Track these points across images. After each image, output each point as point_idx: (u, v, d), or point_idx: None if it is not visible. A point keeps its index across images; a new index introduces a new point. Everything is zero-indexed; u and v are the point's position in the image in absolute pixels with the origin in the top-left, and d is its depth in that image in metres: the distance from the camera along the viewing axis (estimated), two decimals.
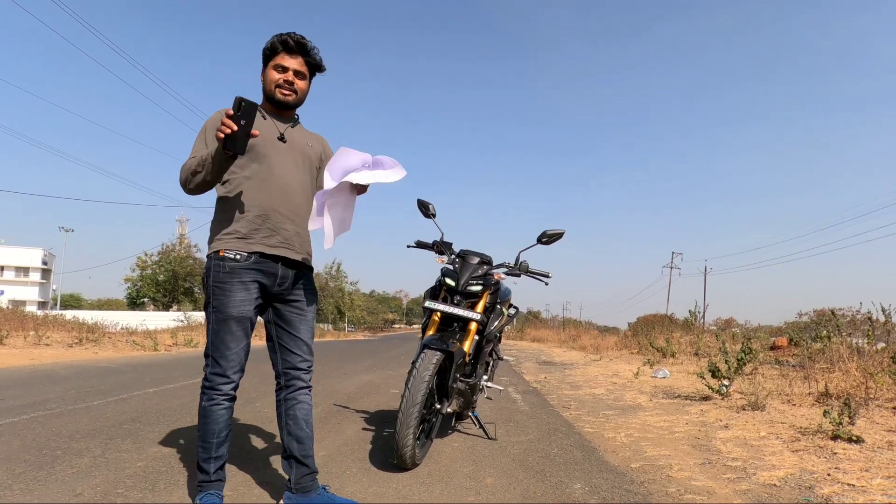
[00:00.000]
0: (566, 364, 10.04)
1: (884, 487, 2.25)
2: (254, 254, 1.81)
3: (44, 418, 3.32)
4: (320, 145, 2.07)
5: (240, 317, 1.79)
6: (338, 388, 5.41)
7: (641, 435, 3.44)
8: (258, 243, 1.81)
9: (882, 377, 4.50)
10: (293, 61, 1.89)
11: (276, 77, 1.89)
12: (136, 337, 12.32)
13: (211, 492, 1.79)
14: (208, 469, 1.79)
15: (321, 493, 1.92)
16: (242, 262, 1.79)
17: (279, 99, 1.90)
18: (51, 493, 1.98)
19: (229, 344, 1.78)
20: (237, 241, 1.80)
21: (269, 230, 1.84)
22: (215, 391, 1.79)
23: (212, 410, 1.78)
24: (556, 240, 3.07)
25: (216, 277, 1.79)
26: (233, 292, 1.78)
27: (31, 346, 9.26)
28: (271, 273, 1.85)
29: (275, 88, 1.90)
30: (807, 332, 10.47)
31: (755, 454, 2.89)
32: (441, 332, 2.82)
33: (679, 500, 2.16)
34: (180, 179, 1.82)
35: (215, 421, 1.78)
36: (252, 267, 1.81)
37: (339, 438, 3.07)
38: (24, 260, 60.09)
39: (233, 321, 1.78)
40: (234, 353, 1.79)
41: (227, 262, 1.78)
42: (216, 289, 1.79)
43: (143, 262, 38.26)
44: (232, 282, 1.78)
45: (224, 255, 1.79)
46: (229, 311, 1.78)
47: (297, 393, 1.93)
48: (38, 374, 5.69)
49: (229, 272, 1.78)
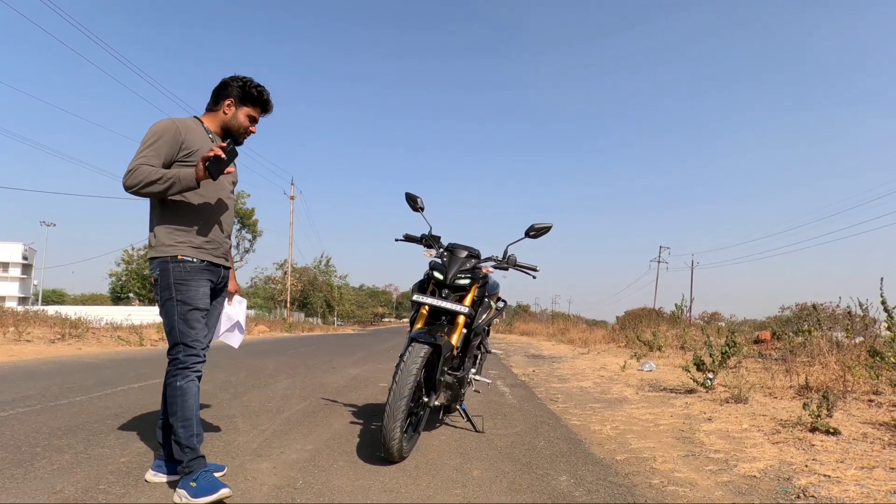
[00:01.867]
0: (554, 357, 10.13)
1: (857, 478, 2.31)
2: (205, 260, 2.09)
3: (23, 415, 3.26)
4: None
5: (203, 307, 2.06)
6: (326, 381, 5.39)
7: (627, 427, 3.49)
8: (208, 254, 2.11)
9: (859, 370, 4.61)
10: (261, 116, 2.25)
11: (246, 125, 2.20)
12: (121, 332, 12.14)
13: (205, 469, 1.94)
14: (195, 445, 1.95)
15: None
16: (198, 265, 2.06)
17: (240, 142, 2.20)
18: (29, 490, 1.95)
19: (198, 330, 2.03)
20: (192, 249, 2.06)
21: (217, 244, 2.15)
22: (190, 370, 2.00)
23: (188, 388, 1.98)
24: (544, 233, 3.08)
25: (179, 277, 2.02)
26: (197, 287, 2.04)
27: (11, 343, 9.08)
28: (216, 274, 2.16)
29: (242, 132, 2.21)
30: (789, 327, 10.68)
31: (737, 446, 2.94)
32: (429, 325, 2.83)
33: (662, 491, 2.19)
34: (128, 181, 1.92)
35: (193, 396, 1.99)
36: (205, 268, 2.09)
37: (327, 432, 3.06)
38: (4, 255, 58.87)
39: (198, 311, 2.04)
40: (201, 338, 2.05)
41: (187, 265, 2.03)
42: (181, 285, 2.02)
43: (128, 257, 37.69)
44: (195, 279, 2.04)
45: (182, 259, 2.03)
46: (196, 302, 2.03)
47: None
48: (18, 371, 5.58)
49: (190, 271, 2.03)
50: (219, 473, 2.11)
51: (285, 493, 2.02)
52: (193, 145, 2.03)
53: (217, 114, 2.18)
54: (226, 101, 2.16)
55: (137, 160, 1.94)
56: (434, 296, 2.85)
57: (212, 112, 2.20)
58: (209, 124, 2.18)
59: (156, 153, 1.96)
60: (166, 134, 1.99)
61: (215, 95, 2.19)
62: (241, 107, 2.17)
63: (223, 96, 2.17)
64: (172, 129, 2.00)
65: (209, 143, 2.09)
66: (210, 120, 2.19)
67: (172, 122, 2.03)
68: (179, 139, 2.01)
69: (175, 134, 2.00)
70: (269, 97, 2.22)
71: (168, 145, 1.98)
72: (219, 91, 2.18)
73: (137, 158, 1.94)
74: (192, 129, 2.07)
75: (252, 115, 2.19)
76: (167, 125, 2.01)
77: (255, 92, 2.16)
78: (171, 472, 2.07)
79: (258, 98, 2.18)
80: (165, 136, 1.99)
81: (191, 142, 2.03)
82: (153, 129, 2.00)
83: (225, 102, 2.16)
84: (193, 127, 2.09)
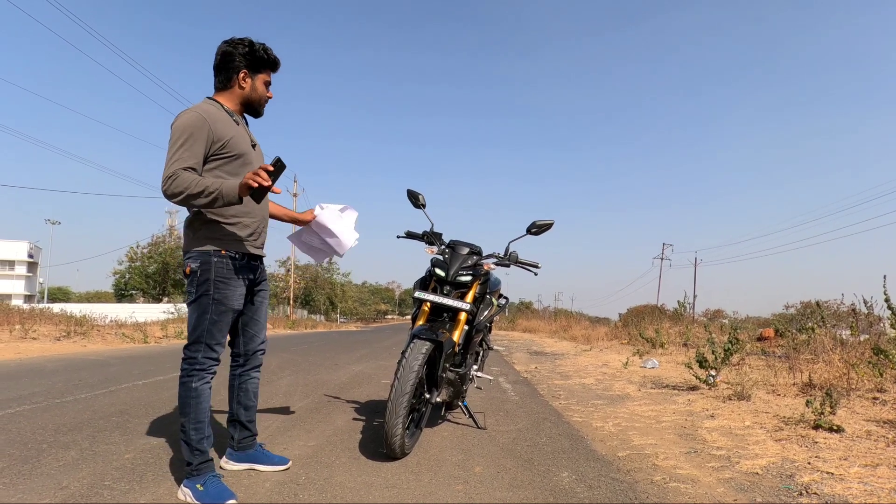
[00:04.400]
0: (557, 354, 10.13)
1: (861, 475, 2.31)
2: (246, 254, 2.01)
3: (30, 412, 3.29)
4: None
5: (237, 309, 2.01)
6: (329, 378, 5.41)
7: (629, 424, 3.49)
8: (251, 246, 2.03)
9: (863, 368, 4.59)
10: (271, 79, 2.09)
11: (266, 93, 2.07)
12: (126, 329, 12.20)
13: (213, 474, 1.90)
14: (204, 449, 1.90)
15: (258, 449, 2.25)
16: (240, 262, 1.98)
17: (261, 113, 2.09)
18: (35, 486, 1.97)
19: (224, 331, 1.98)
20: (236, 243, 1.97)
21: (257, 235, 2.06)
22: (206, 372, 1.94)
23: (203, 390, 1.93)
24: (546, 230, 3.08)
25: (220, 273, 1.92)
26: (236, 288, 1.97)
27: (17, 340, 9.14)
28: (254, 270, 2.09)
29: (263, 103, 2.08)
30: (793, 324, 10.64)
31: (739, 443, 2.94)
32: (431, 322, 2.83)
33: (664, 488, 2.19)
34: (170, 188, 1.75)
35: (207, 399, 1.94)
36: (245, 266, 2.02)
37: (330, 428, 3.08)
38: (10, 253, 59.12)
39: (231, 313, 1.98)
40: (223, 342, 2.01)
41: (231, 262, 1.94)
42: (220, 283, 1.92)
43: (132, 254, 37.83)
44: (236, 278, 1.96)
45: (226, 254, 1.93)
46: (231, 304, 1.96)
47: (253, 370, 2.22)
48: (24, 368, 5.62)
49: (232, 269, 1.95)
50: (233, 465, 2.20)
51: (288, 488, 2.04)
52: (225, 135, 1.89)
53: (233, 90, 1.99)
54: (240, 74, 1.97)
55: (174, 164, 1.76)
56: (436, 293, 2.85)
57: (226, 90, 2.00)
58: (227, 103, 1.99)
59: (191, 153, 1.80)
60: (197, 130, 1.82)
61: (223, 70, 1.98)
62: (256, 75, 2.01)
63: (233, 69, 1.97)
64: (201, 122, 1.83)
65: (238, 130, 1.96)
66: (227, 99, 2.00)
67: (198, 114, 1.84)
68: (210, 133, 1.85)
69: (205, 128, 1.83)
70: (278, 59, 2.06)
71: (201, 142, 1.83)
72: (224, 64, 1.97)
73: (173, 162, 1.77)
74: (218, 118, 1.90)
75: (267, 80, 2.05)
76: (194, 119, 1.83)
77: (264, 55, 1.99)
78: (238, 460, 2.21)
79: (269, 60, 2.02)
80: (196, 132, 1.82)
81: (221, 132, 1.89)
82: (180, 124, 1.82)
83: (239, 76, 1.98)
84: (217, 114, 1.92)
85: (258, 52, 1.98)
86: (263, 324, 2.20)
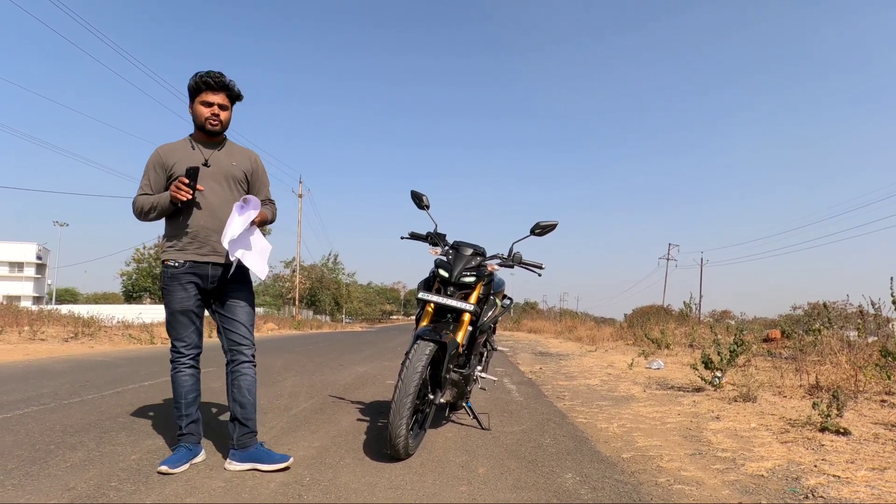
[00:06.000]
0: (562, 355, 10.10)
1: (868, 479, 2.29)
2: (188, 261, 2.29)
3: (37, 413, 3.32)
4: (248, 161, 2.47)
5: (182, 310, 2.30)
6: (333, 379, 5.42)
7: (634, 425, 3.47)
8: (192, 253, 2.30)
9: (871, 370, 4.55)
10: (216, 97, 2.32)
11: (204, 111, 2.32)
12: (133, 330, 12.30)
13: (183, 444, 2.30)
14: (180, 424, 2.31)
15: (258, 448, 2.34)
16: (180, 269, 2.29)
17: (209, 129, 2.34)
18: (43, 487, 1.99)
19: (179, 329, 2.32)
20: (176, 252, 2.30)
21: (200, 243, 2.30)
22: (176, 363, 2.34)
23: (176, 377, 2.33)
24: (550, 231, 3.07)
25: (163, 282, 2.33)
26: (174, 292, 2.30)
27: (26, 342, 9.24)
28: (203, 274, 2.32)
29: (204, 121, 2.32)
30: (800, 325, 10.56)
31: (745, 445, 2.92)
32: (435, 323, 2.83)
33: (668, 489, 2.19)
34: (134, 211, 2.33)
35: (181, 384, 2.31)
36: (188, 271, 2.29)
37: (334, 429, 3.09)
38: (18, 255, 59.71)
39: (178, 313, 2.31)
40: (184, 336, 2.32)
41: (169, 270, 2.30)
42: (164, 290, 2.33)
43: (139, 256, 38.12)
44: (173, 284, 2.30)
45: (167, 263, 2.31)
46: (173, 306, 2.31)
47: (240, 366, 2.36)
48: (32, 369, 5.68)
49: (171, 277, 2.30)
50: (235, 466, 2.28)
51: (292, 489, 2.05)
52: (173, 161, 2.32)
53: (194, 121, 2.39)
54: (189, 106, 2.37)
55: (137, 192, 2.32)
56: (440, 293, 2.85)
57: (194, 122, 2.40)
58: (195, 133, 2.41)
59: (148, 182, 2.32)
60: (151, 163, 2.33)
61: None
62: (194, 101, 2.34)
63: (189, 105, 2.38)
64: (154, 156, 2.33)
65: (189, 153, 2.33)
66: (195, 129, 2.40)
67: (157, 150, 2.35)
68: (161, 163, 2.32)
69: (157, 160, 2.32)
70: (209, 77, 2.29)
71: (155, 172, 2.32)
72: None
73: (137, 191, 2.33)
74: (173, 149, 2.34)
75: (204, 100, 2.31)
76: (152, 155, 2.35)
77: (195, 83, 2.30)
78: (241, 460, 2.28)
79: (201, 84, 2.29)
80: (150, 165, 2.33)
81: (170, 159, 2.32)
82: (148, 162, 2.35)
83: (189, 107, 2.38)
84: (177, 145, 2.36)
85: (189, 84, 2.32)
86: (243, 322, 2.38)
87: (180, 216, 2.30)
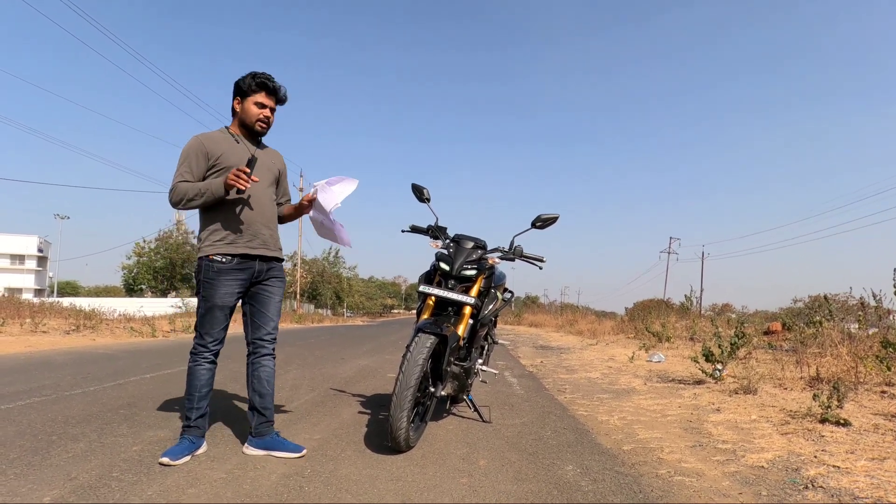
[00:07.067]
0: (563, 348, 10.12)
1: (867, 469, 2.29)
2: (237, 256, 2.29)
3: (39, 404, 3.33)
4: (280, 162, 2.55)
5: (222, 305, 2.30)
6: (335, 372, 5.44)
7: (634, 418, 3.48)
8: (242, 246, 2.30)
9: (871, 362, 4.55)
10: (270, 100, 2.37)
11: (257, 112, 2.35)
12: (134, 323, 12.32)
13: (187, 436, 2.30)
14: (190, 416, 2.30)
15: (274, 436, 2.41)
16: (227, 265, 2.27)
17: (257, 131, 2.38)
18: (45, 477, 2.00)
19: (212, 324, 2.31)
20: (225, 245, 2.28)
21: (251, 235, 2.32)
22: (199, 356, 2.32)
23: (195, 369, 2.31)
24: (551, 224, 3.06)
25: (206, 275, 2.28)
26: (218, 287, 2.27)
27: (28, 334, 9.26)
28: (250, 269, 2.34)
29: (255, 122, 2.36)
30: (800, 318, 10.55)
31: (745, 437, 2.93)
32: (436, 316, 2.83)
33: (669, 481, 2.19)
34: (172, 198, 2.27)
35: (198, 377, 2.30)
36: (235, 267, 2.29)
37: (335, 422, 3.10)
38: (20, 247, 59.71)
39: (216, 308, 2.29)
40: (216, 331, 2.32)
41: (216, 264, 2.27)
42: (206, 284, 2.28)
43: (140, 249, 38.12)
44: (218, 279, 2.27)
45: (213, 258, 2.27)
46: (215, 301, 2.28)
47: (262, 358, 2.42)
48: (34, 361, 5.69)
49: (217, 272, 2.27)
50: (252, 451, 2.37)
51: (294, 481, 2.05)
52: (218, 152, 2.30)
53: (235, 116, 2.40)
54: (234, 101, 2.38)
55: (176, 179, 2.27)
56: (441, 287, 2.85)
57: (233, 117, 2.42)
58: (233, 129, 2.42)
59: (189, 170, 2.28)
60: (192, 152, 2.29)
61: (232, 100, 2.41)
62: (245, 100, 2.36)
63: (233, 98, 2.39)
64: (197, 145, 2.29)
65: (234, 146, 2.34)
66: (234, 125, 2.42)
67: (198, 139, 2.31)
68: (205, 152, 2.29)
69: (200, 149, 2.28)
70: (267, 80, 2.34)
71: (197, 161, 2.28)
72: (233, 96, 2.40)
73: (175, 178, 2.27)
74: (216, 140, 2.33)
75: (258, 101, 2.34)
76: (193, 143, 2.30)
77: (251, 82, 2.32)
78: (257, 446, 2.37)
79: (258, 85, 2.33)
80: (192, 153, 2.28)
81: (215, 150, 2.30)
82: (183, 149, 2.31)
83: (234, 102, 2.38)
84: (217, 136, 2.35)
85: (245, 80, 2.33)
86: (271, 316, 2.42)
87: (226, 209, 2.29)
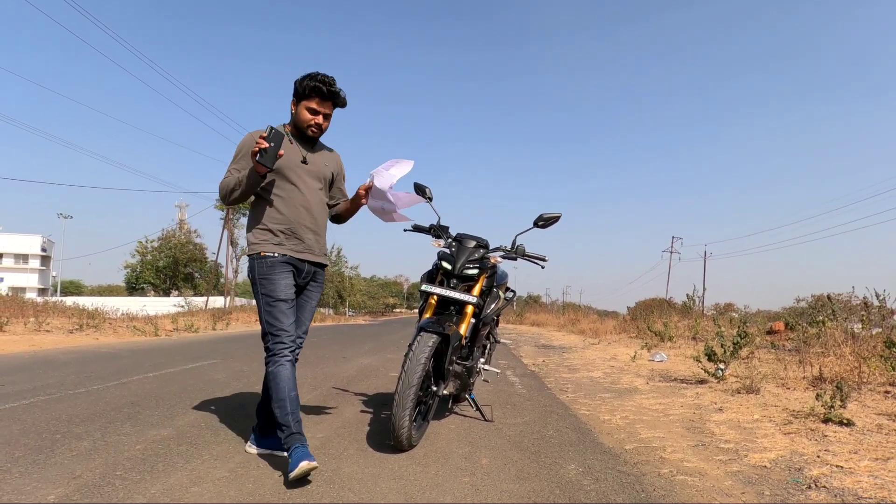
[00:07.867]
0: (565, 348, 10.11)
1: (871, 469, 2.28)
2: (285, 255, 2.26)
3: (43, 403, 3.35)
4: (335, 163, 2.50)
5: (286, 298, 2.23)
6: (337, 371, 5.45)
7: (637, 417, 3.48)
8: (288, 249, 2.27)
9: (875, 362, 4.53)
10: (324, 106, 2.30)
11: (308, 118, 2.30)
12: (137, 322, 12.36)
13: (297, 445, 2.06)
14: (289, 423, 2.10)
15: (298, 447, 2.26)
16: (279, 259, 2.25)
17: (308, 135, 2.34)
18: (49, 475, 2.01)
19: (283, 318, 2.21)
20: (273, 245, 2.26)
21: (296, 239, 2.30)
22: (278, 356, 2.19)
23: (278, 371, 2.17)
24: (553, 223, 3.06)
25: (261, 272, 2.23)
26: (278, 280, 2.22)
27: (32, 333, 9.30)
28: (299, 268, 2.31)
29: (306, 127, 2.31)
30: (804, 317, 10.52)
31: (748, 436, 2.92)
32: (438, 315, 2.83)
33: (671, 480, 2.19)
34: (220, 194, 2.30)
35: (283, 379, 2.15)
36: (285, 262, 2.26)
37: (338, 420, 3.10)
38: (23, 247, 59.96)
39: (281, 302, 2.22)
40: (288, 325, 2.23)
41: (268, 259, 2.23)
42: (264, 280, 2.23)
43: (143, 248, 38.24)
44: (275, 272, 2.23)
45: (265, 255, 2.24)
46: (278, 294, 2.21)
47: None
48: (37, 360, 5.72)
49: (271, 266, 2.23)
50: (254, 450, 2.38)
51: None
52: None
53: (292, 116, 2.36)
54: (291, 102, 2.34)
55: (224, 176, 2.28)
56: (443, 286, 2.85)
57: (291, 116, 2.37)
58: (289, 127, 2.38)
59: (237, 166, 2.27)
60: (244, 147, 2.26)
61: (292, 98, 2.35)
62: (300, 103, 2.30)
63: (292, 99, 2.33)
64: (249, 141, 2.26)
65: (287, 146, 2.26)
66: (290, 123, 2.38)
67: (251, 135, 2.27)
68: None
69: (252, 144, 2.20)
70: (323, 84, 2.25)
71: (246, 157, 2.23)
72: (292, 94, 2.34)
73: (225, 175, 2.28)
74: None
75: (311, 107, 2.28)
76: (245, 139, 2.29)
77: (307, 85, 2.25)
78: (261, 445, 2.37)
79: (311, 90, 2.25)
80: (244, 149, 2.26)
81: None
82: (238, 145, 2.32)
83: (292, 102, 2.34)
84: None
85: (301, 83, 2.27)
86: (306, 321, 2.41)
87: (273, 210, 2.25)
